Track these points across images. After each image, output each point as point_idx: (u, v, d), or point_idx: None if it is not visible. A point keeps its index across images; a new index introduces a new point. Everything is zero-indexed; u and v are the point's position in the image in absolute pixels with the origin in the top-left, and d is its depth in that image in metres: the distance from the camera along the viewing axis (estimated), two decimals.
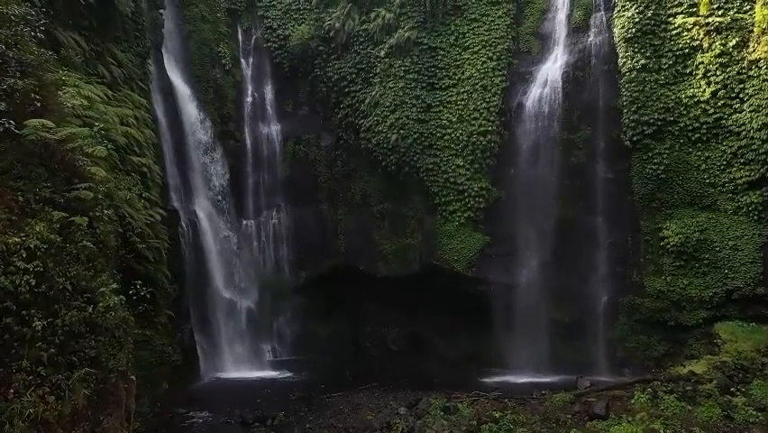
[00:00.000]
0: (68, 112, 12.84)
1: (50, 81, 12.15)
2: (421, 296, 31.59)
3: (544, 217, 28.74)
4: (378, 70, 31.46)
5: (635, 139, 27.27)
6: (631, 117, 27.23)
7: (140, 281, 16.02)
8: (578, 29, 29.31)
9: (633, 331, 27.74)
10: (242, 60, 33.86)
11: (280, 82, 34.02)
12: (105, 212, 12.14)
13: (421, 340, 32.23)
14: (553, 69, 29.32)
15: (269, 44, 33.60)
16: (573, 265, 28.51)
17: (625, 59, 27.57)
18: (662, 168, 26.81)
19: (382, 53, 31.30)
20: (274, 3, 33.74)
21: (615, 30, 28.00)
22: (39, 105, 11.37)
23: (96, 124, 17.20)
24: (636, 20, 27.24)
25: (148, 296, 14.49)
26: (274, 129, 33.86)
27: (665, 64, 26.88)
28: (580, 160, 28.74)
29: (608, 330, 28.21)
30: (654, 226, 27.27)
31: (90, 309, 10.61)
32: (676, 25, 26.69)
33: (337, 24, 32.26)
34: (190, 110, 29.78)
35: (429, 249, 30.70)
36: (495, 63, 30.01)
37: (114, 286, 11.45)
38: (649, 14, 27.15)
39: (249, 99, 33.73)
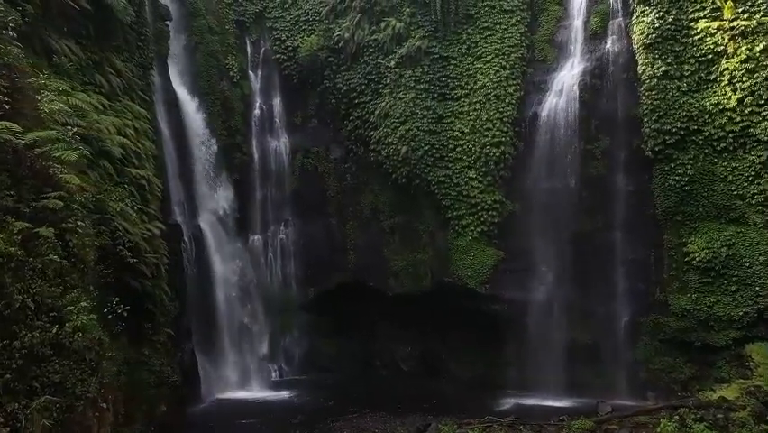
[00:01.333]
0: (45, 117, 12.01)
1: (24, 84, 11.33)
2: (433, 314, 30.41)
3: (560, 232, 27.49)
4: (388, 81, 30.64)
5: (656, 149, 25.95)
6: (652, 126, 25.95)
7: (117, 298, 15.21)
8: (595, 36, 28.26)
9: (657, 352, 26.17)
10: (251, 73, 33.34)
11: (289, 94, 33.45)
12: (80, 223, 11.23)
13: (433, 360, 30.95)
14: (569, 77, 28.22)
15: (277, 56, 33.08)
16: (592, 282, 27.11)
17: (645, 66, 26.36)
18: (686, 179, 25.42)
19: (392, 63, 30.50)
20: (283, 14, 33.29)
21: (634, 36, 26.86)
22: (8, 107, 10.54)
23: (86, 131, 16.53)
24: (656, 25, 26.06)
25: (125, 314, 13.44)
26: (282, 142, 33.19)
27: (688, 71, 25.61)
28: (598, 171, 27.49)
29: (630, 351, 26.69)
30: (678, 241, 25.81)
31: (55, 330, 9.66)
32: (698, 30, 25.43)
33: (347, 35, 31.58)
34: (196, 123, 29.25)
35: (441, 265, 29.54)
36: (508, 72, 29.01)
37: (85, 304, 10.50)
38: (670, 19, 25.95)
39: (257, 112, 33.16)
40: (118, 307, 13.60)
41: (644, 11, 26.61)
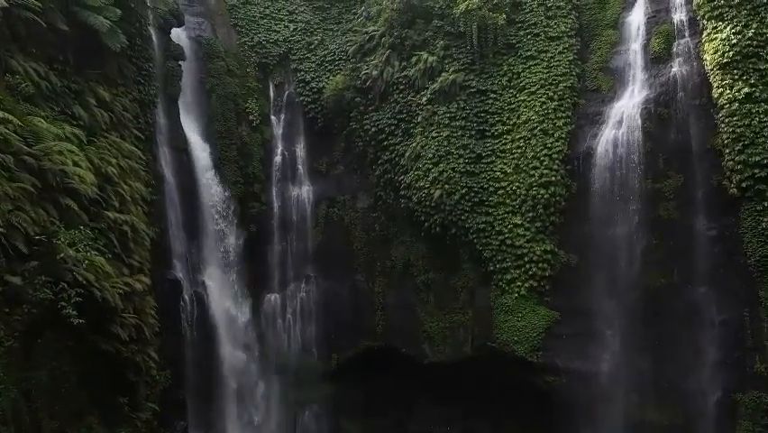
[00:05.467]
0: None
1: None
2: (475, 386, 26.37)
3: (627, 287, 23.66)
4: (419, 119, 27.71)
5: (743, 185, 21.63)
6: (736, 159, 21.76)
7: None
8: (657, 59, 24.83)
9: None
10: (273, 117, 30.97)
11: (313, 139, 30.90)
12: None
13: None
14: (629, 106, 24.69)
15: (301, 98, 30.75)
16: (671, 350, 22.85)
17: (722, 90, 22.50)
18: None
19: (424, 100, 27.67)
20: (308, 55, 31.19)
21: (705, 56, 23.30)
22: None
23: (38, 160, 13.65)
24: (733, 41, 22.29)
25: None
26: (305, 190, 30.30)
27: None
28: (670, 214, 23.42)
29: None
30: None
31: None
32: None
33: (375, 72, 28.97)
34: (206, 169, 26.75)
35: (483, 328, 25.74)
36: (556, 104, 25.62)
37: None
38: (750, 34, 22.21)
39: (278, 158, 30.52)
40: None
41: (716, 27, 23.00)
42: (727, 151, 21.99)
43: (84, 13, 18.16)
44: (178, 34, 27.08)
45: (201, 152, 26.77)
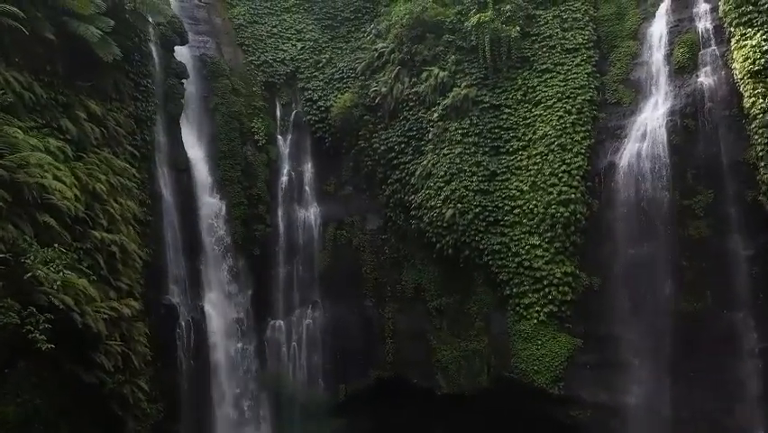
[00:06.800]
0: None
1: None
2: (493, 419, 24.53)
3: (656, 313, 21.95)
4: (430, 136, 26.52)
5: None
6: None
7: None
8: (682, 70, 23.53)
9: None
10: (279, 137, 29.92)
11: (321, 159, 29.76)
12: None
13: None
14: (652, 119, 23.34)
15: (308, 117, 29.71)
16: (707, 382, 20.99)
17: (753, 99, 21.07)
18: None
19: (435, 116, 26.47)
20: (316, 74, 30.24)
21: (735, 65, 21.93)
22: None
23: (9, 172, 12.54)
24: (765, 48, 20.99)
25: None
26: (312, 212, 29.03)
27: None
28: (702, 233, 21.83)
29: None
30: None
31: None
32: None
33: (384, 89, 27.95)
34: (208, 189, 25.66)
35: (500, 356, 24.17)
36: (575, 117, 24.37)
37: None
38: None
39: (284, 179, 29.36)
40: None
41: (745, 33, 21.67)
42: (762, 164, 20.39)
43: (73, 22, 17.34)
44: (182, 52, 26.31)
45: (203, 171, 25.71)
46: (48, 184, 14.47)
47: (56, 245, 13.67)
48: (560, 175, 23.59)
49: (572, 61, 25.37)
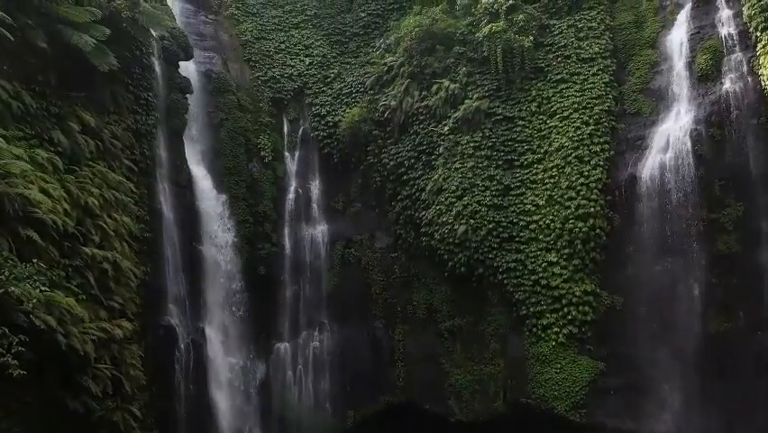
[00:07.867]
0: None
1: None
2: None
3: (684, 334, 20.69)
4: (441, 150, 25.63)
5: None
6: None
7: None
8: (705, 77, 22.58)
9: None
10: (287, 154, 29.11)
11: (329, 176, 28.92)
12: None
13: None
14: (675, 129, 22.33)
15: (316, 133, 28.93)
16: (741, 407, 19.52)
17: None
18: None
19: (446, 129, 25.60)
20: (324, 89, 29.57)
21: (762, 71, 20.87)
22: None
23: None
24: None
25: None
26: (320, 230, 28.05)
27: None
28: (731, 248, 20.59)
29: None
30: None
31: None
32: None
33: (393, 103, 27.20)
34: (211, 207, 24.80)
35: (517, 381, 22.89)
36: (592, 128, 23.39)
37: None
38: None
39: (291, 196, 28.47)
40: None
41: None
42: None
43: (68, 31, 16.73)
44: (188, 68, 25.79)
45: (206, 188, 24.89)
46: (32, 196, 13.68)
47: (35, 261, 12.74)
48: (578, 188, 22.49)
49: (589, 71, 24.47)
